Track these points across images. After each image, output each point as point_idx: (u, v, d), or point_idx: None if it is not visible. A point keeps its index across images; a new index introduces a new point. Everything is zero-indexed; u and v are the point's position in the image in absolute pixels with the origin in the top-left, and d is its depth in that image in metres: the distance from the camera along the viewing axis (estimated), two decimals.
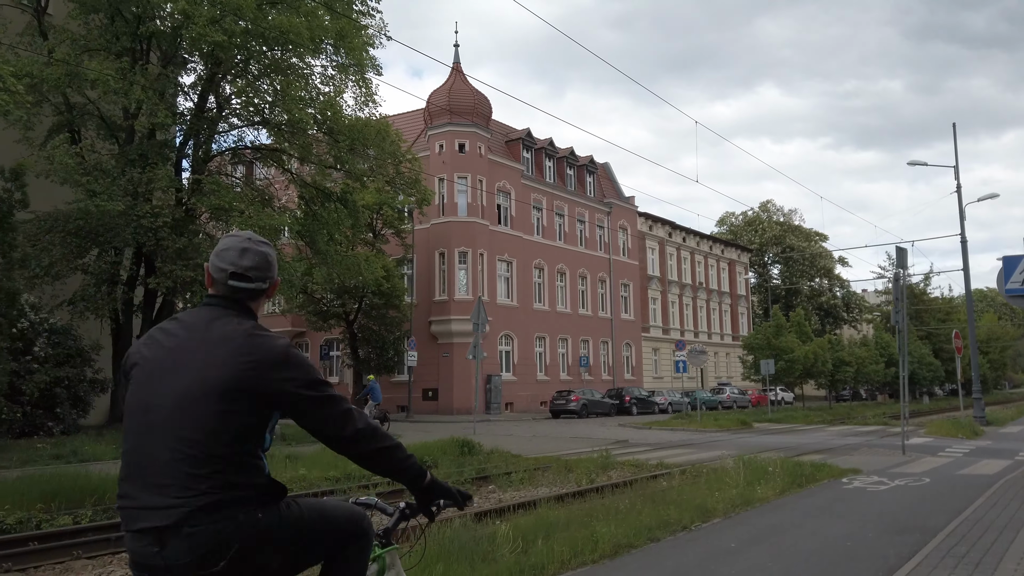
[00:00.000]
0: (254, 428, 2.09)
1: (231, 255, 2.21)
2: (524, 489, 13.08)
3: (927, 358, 60.48)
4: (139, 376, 2.13)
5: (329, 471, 13.66)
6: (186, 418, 2.01)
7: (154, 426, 2.04)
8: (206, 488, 1.96)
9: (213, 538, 1.96)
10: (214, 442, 2.00)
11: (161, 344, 2.16)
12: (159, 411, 2.05)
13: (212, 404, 2.01)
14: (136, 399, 2.11)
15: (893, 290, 17.56)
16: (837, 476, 12.07)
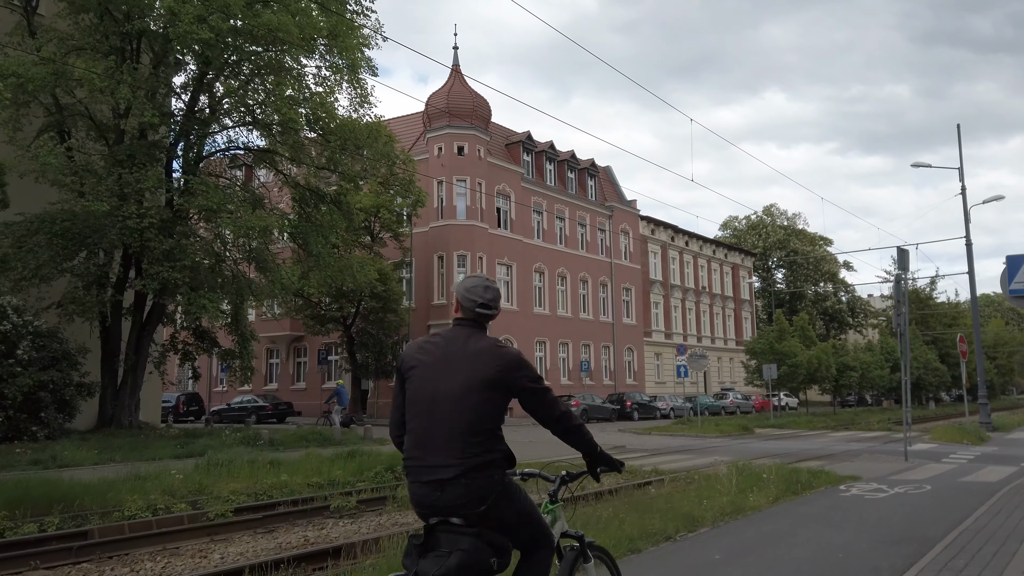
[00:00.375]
0: (501, 411, 3.07)
1: (478, 291, 3.12)
2: None
3: (933, 363, 59.80)
4: (420, 375, 3.02)
5: (312, 477, 13.31)
6: (463, 404, 2.92)
7: (439, 410, 2.94)
8: (477, 452, 2.90)
9: (479, 488, 2.87)
10: (480, 421, 2.95)
11: (432, 352, 3.06)
12: (443, 400, 2.94)
13: (480, 394, 2.96)
14: (422, 391, 3.00)
15: (894, 293, 17.13)
16: (835, 483, 11.66)
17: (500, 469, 3.01)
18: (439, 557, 2.83)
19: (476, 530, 2.89)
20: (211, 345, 23.88)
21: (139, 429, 20.19)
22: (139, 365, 20.75)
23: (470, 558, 2.81)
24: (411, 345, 3.19)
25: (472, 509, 2.88)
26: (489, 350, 3.03)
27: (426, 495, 2.93)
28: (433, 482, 2.90)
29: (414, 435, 3.01)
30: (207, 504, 10.91)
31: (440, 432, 2.92)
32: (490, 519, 2.92)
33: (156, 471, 12.31)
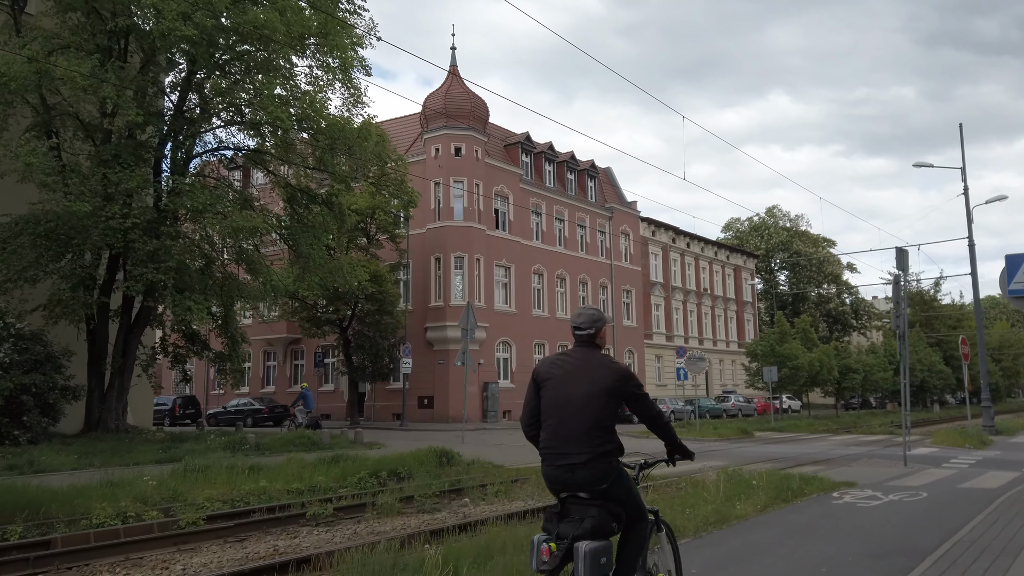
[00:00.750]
0: (616, 412, 3.83)
1: (573, 317, 4.06)
2: (498, 503, 12.36)
3: (938, 366, 59.29)
4: (553, 384, 3.87)
5: (293, 483, 12.97)
6: (588, 407, 3.75)
7: (570, 410, 3.76)
8: (599, 443, 3.74)
9: (601, 471, 3.71)
10: (601, 419, 3.76)
11: (562, 366, 3.92)
12: (573, 404, 3.76)
13: (602, 399, 3.77)
14: (556, 396, 3.83)
15: (893, 293, 16.76)
16: (828, 490, 11.28)
17: (616, 456, 3.91)
18: (573, 522, 3.73)
19: (599, 502, 3.79)
20: (202, 348, 23.58)
21: (126, 433, 19.89)
22: (126, 368, 20.45)
23: (598, 523, 3.72)
24: (544, 361, 4.13)
25: (596, 486, 3.79)
26: (607, 365, 3.95)
27: (559, 475, 3.84)
28: (566, 466, 3.80)
29: (550, 430, 3.90)
30: (180, 512, 10.58)
31: (571, 428, 3.81)
32: (608, 494, 3.82)
33: (131, 477, 11.99)
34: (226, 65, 20.63)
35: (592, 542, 3.61)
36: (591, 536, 3.63)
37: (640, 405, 4.01)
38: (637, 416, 4.05)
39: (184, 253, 17.63)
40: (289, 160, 21.16)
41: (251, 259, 21.32)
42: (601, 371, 3.86)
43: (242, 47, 20.52)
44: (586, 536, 3.62)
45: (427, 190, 37.52)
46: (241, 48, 20.57)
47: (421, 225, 37.71)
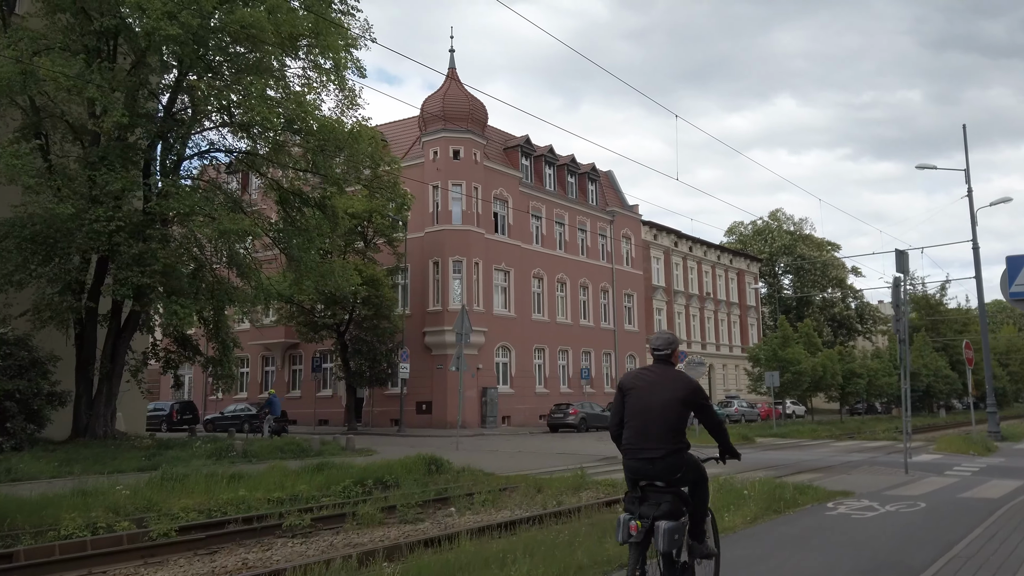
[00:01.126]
0: (687, 417, 4.74)
1: (652, 340, 5.10)
2: (484, 512, 11.99)
3: (944, 370, 58.68)
4: (637, 393, 4.74)
5: (274, 492, 12.65)
6: (667, 412, 4.62)
7: (651, 415, 4.62)
8: (675, 441, 4.60)
9: (675, 464, 4.59)
10: (677, 422, 4.64)
11: (644, 379, 4.82)
12: (654, 409, 4.63)
13: (677, 407, 4.65)
14: (639, 403, 4.70)
15: (893, 296, 16.36)
16: (823, 500, 10.90)
17: (686, 452, 4.73)
18: (652, 505, 4.55)
19: (673, 490, 4.64)
20: (193, 353, 23.29)
21: (114, 439, 19.60)
22: (114, 374, 20.16)
23: (673, 506, 4.56)
24: (628, 374, 5.03)
25: (670, 476, 4.65)
26: (682, 379, 4.82)
27: (640, 467, 4.68)
28: (646, 459, 4.64)
29: (632, 430, 4.74)
30: (152, 522, 10.26)
31: (652, 429, 4.65)
32: (679, 483, 4.71)
33: (106, 486, 11.67)
34: (217, 66, 20.36)
35: (669, 521, 4.51)
36: (668, 517, 4.53)
37: (706, 413, 4.98)
38: (701, 421, 5.05)
39: (171, 256, 17.33)
40: (280, 162, 20.88)
41: (242, 263, 21.02)
42: (677, 384, 4.80)
43: (233, 48, 20.29)
44: (664, 516, 4.52)
45: (425, 194, 37.24)
46: (232, 49, 20.34)
47: (419, 229, 37.41)
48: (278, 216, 23.29)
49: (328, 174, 21.12)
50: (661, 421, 4.63)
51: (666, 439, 4.62)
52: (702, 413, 4.91)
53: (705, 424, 5.03)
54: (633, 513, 4.57)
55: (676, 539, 4.48)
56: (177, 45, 17.15)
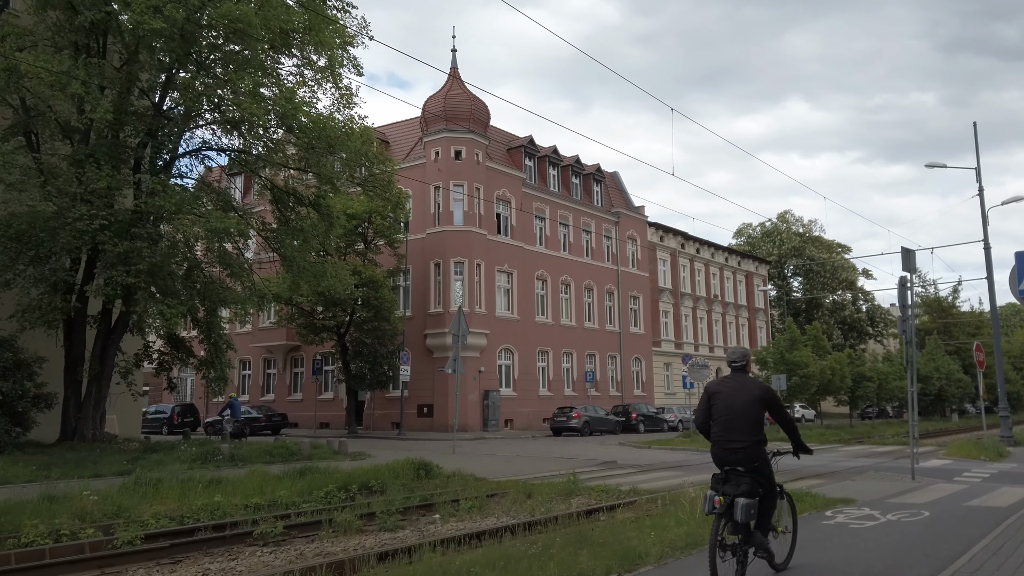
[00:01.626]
0: (763, 415, 5.99)
1: (728, 354, 6.39)
2: (468, 520, 11.53)
3: (956, 374, 57.80)
4: (721, 397, 6.01)
5: (252, 497, 12.21)
6: (748, 411, 5.88)
7: (734, 413, 5.88)
8: (755, 434, 5.85)
9: (755, 454, 5.82)
10: (755, 419, 5.90)
11: (727, 384, 6.09)
12: (737, 408, 5.89)
13: (755, 406, 5.92)
14: (724, 404, 5.95)
15: (899, 296, 15.79)
16: (821, 508, 10.37)
17: (764, 444, 5.93)
18: (732, 485, 5.69)
19: (751, 475, 5.74)
20: (187, 355, 22.93)
21: (102, 443, 19.24)
22: (104, 376, 19.82)
23: (751, 487, 5.68)
24: (713, 382, 6.22)
25: (750, 464, 5.78)
26: (757, 384, 6.15)
27: (726, 455, 5.85)
28: (730, 448, 5.83)
29: (720, 425, 5.93)
30: (119, 529, 9.84)
31: (736, 425, 5.85)
32: (756, 469, 5.79)
33: (76, 491, 11.26)
34: (208, 63, 20.00)
35: (746, 498, 5.66)
36: (745, 495, 5.68)
37: (778, 411, 6.20)
38: (775, 418, 6.21)
39: (157, 256, 16.95)
40: (272, 160, 20.52)
41: (234, 263, 20.66)
42: (754, 388, 6.07)
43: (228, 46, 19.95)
44: (743, 495, 5.67)
45: (426, 194, 36.86)
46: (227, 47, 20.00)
47: (421, 230, 37.02)
48: (274, 216, 22.93)
49: (322, 173, 20.72)
50: (743, 418, 5.90)
51: (748, 433, 5.87)
52: (775, 411, 6.19)
53: (778, 421, 6.26)
54: (717, 491, 5.79)
55: (751, 513, 5.70)
56: (164, 40, 16.79)
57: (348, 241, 33.83)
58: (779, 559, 6.33)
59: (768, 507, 6.01)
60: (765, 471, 5.90)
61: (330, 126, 19.40)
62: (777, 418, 6.20)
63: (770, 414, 6.13)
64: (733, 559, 5.72)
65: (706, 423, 6.10)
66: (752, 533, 5.76)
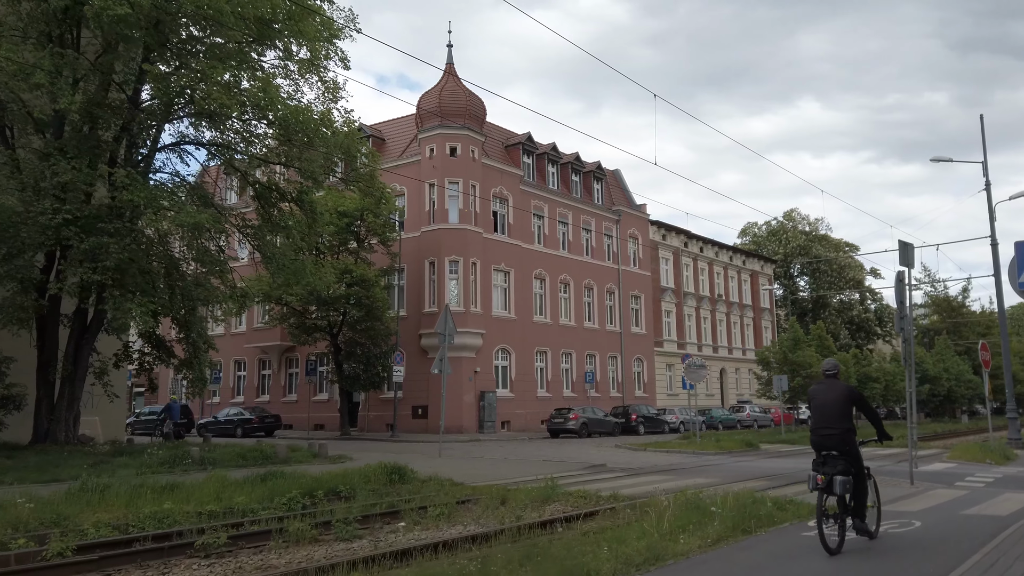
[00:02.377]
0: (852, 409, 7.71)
1: (823, 364, 8.29)
2: (434, 528, 10.87)
3: (966, 375, 56.78)
4: (818, 396, 7.78)
5: (207, 504, 11.57)
6: (838, 406, 7.61)
7: (828, 409, 7.63)
8: (844, 424, 7.58)
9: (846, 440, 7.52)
10: (845, 412, 7.63)
11: (823, 386, 7.87)
12: (830, 404, 7.62)
13: (845, 402, 7.64)
14: (820, 401, 7.71)
15: (896, 292, 15.03)
16: (804, 518, 9.64)
17: (854, 433, 7.58)
18: (830, 466, 7.31)
19: (845, 458, 7.34)
20: (168, 355, 22.35)
21: (74, 445, 18.69)
22: (77, 377, 19.26)
23: (844, 467, 7.27)
24: (812, 386, 8.02)
25: (843, 449, 7.40)
26: (846, 386, 7.90)
27: (822, 441, 7.54)
28: (825, 435, 7.51)
29: (816, 418, 7.66)
30: (55, 539, 9.22)
31: (829, 416, 7.54)
32: (848, 454, 7.39)
33: (10, 497, 10.63)
34: (183, 54, 19.41)
35: (842, 476, 7.21)
36: (841, 473, 7.24)
37: (864, 406, 7.97)
38: (861, 412, 8.07)
39: (125, 252, 16.34)
40: (251, 154, 19.93)
41: (210, 260, 20.08)
42: (842, 389, 7.78)
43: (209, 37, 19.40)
44: (839, 473, 7.24)
45: (421, 192, 36.25)
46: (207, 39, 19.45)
47: (415, 228, 36.41)
48: (257, 213, 22.35)
49: (303, 168, 20.12)
50: (834, 412, 7.56)
51: (838, 422, 7.54)
52: (861, 406, 7.96)
53: (864, 414, 8.18)
54: (818, 471, 7.39)
55: (847, 487, 7.24)
56: (130, 28, 16.19)
57: (341, 239, 33.27)
58: (872, 530, 7.95)
59: (861, 490, 7.55)
60: (855, 454, 7.53)
61: (308, 118, 18.76)
62: (863, 412, 8.13)
63: (858, 409, 7.93)
64: (835, 525, 7.37)
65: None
66: (848, 505, 7.45)
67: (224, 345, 44.19)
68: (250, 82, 19.43)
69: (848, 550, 7.50)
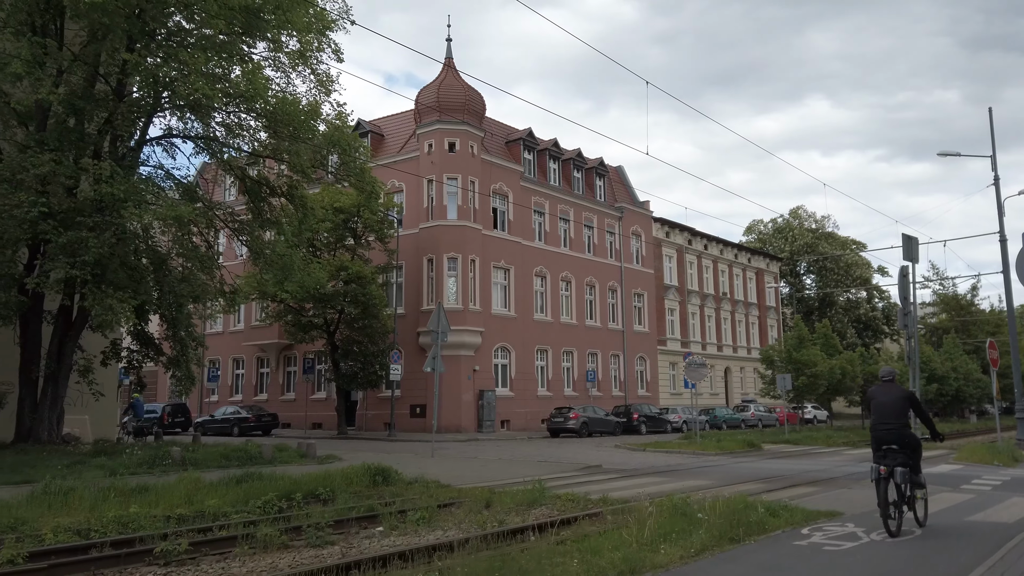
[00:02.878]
0: (907, 409, 8.84)
1: (880, 371, 9.49)
2: (412, 534, 10.37)
3: (974, 374, 55.89)
4: (878, 397, 8.95)
5: (176, 508, 11.13)
6: (895, 406, 8.73)
7: (888, 408, 8.76)
8: (903, 420, 8.76)
9: (905, 435, 8.69)
10: (902, 411, 8.76)
11: (881, 389, 9.06)
12: (889, 405, 8.76)
13: (902, 402, 8.79)
14: (879, 401, 8.89)
15: (899, 288, 14.49)
16: (798, 524, 9.12)
17: (909, 430, 8.73)
18: (890, 459, 8.33)
19: (903, 452, 8.39)
20: (157, 353, 21.93)
21: (56, 444, 18.28)
22: (60, 374, 18.85)
23: (903, 460, 8.32)
24: (872, 388, 9.30)
25: (901, 442, 8.48)
26: (902, 389, 8.98)
27: (884, 436, 8.59)
28: (885, 430, 8.63)
29: (876, 416, 8.79)
30: (8, 546, 8.77)
31: (888, 414, 8.66)
32: (907, 448, 8.45)
33: None
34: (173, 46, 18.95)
35: (901, 467, 8.27)
36: (900, 465, 8.29)
37: (917, 408, 9.05)
38: (915, 412, 9.04)
39: (104, 246, 15.89)
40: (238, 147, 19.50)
41: (195, 256, 19.66)
42: (899, 391, 8.90)
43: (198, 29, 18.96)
44: (899, 465, 8.29)
45: (420, 188, 35.78)
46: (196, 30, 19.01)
47: (414, 225, 35.95)
48: (248, 208, 21.92)
49: (289, 159, 19.66)
50: (892, 411, 8.64)
51: (895, 419, 8.61)
52: (915, 409, 8.95)
53: (918, 416, 9.22)
54: (879, 463, 8.32)
55: (906, 478, 8.28)
56: (110, 17, 15.75)
57: (337, 236, 32.85)
58: (921, 518, 8.94)
59: (916, 481, 8.66)
60: (914, 446, 8.69)
61: (296, 110, 18.29)
62: (916, 413, 9.17)
63: (912, 410, 8.93)
64: (896, 511, 8.29)
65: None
66: (904, 495, 8.41)
67: (222, 343, 43.96)
68: (235, 73, 18.97)
69: (835, 563, 6.98)
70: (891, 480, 8.19)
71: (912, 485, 8.50)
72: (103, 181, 15.80)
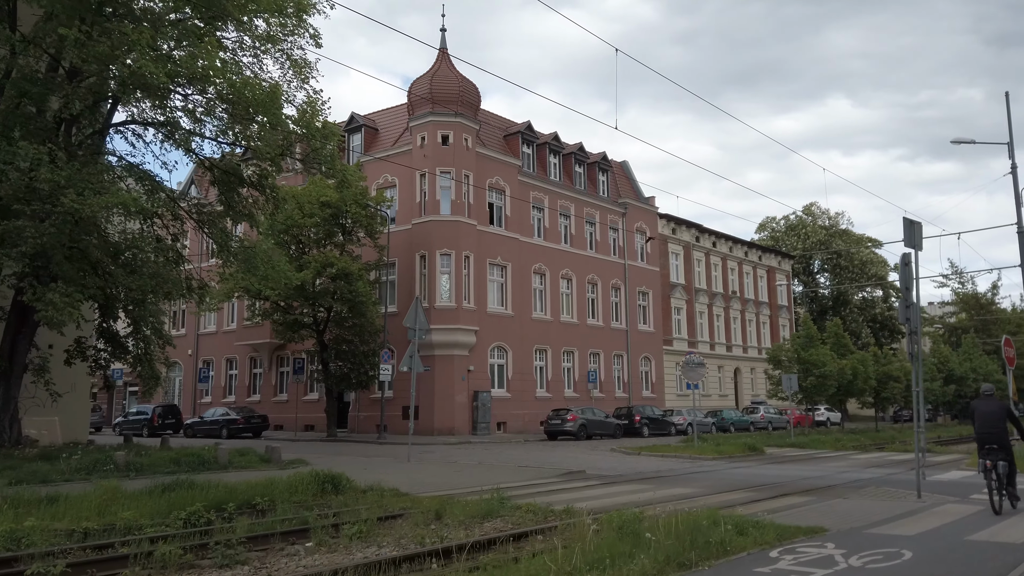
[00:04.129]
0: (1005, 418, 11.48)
1: (981, 387, 12.17)
2: (342, 551, 9.24)
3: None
4: (981, 409, 11.44)
5: (83, 521, 10.04)
6: (995, 415, 11.34)
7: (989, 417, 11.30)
8: (1001, 426, 11.24)
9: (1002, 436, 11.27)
10: (1002, 420, 11.35)
11: (983, 402, 11.55)
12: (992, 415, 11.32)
13: (1001, 414, 11.40)
14: (982, 411, 11.41)
15: (901, 276, 13.14)
16: (769, 544, 7.85)
17: (1007, 433, 11.37)
18: (994, 455, 10.90)
19: (1003, 450, 11.00)
20: (122, 351, 20.94)
21: (7, 447, 17.28)
22: (13, 373, 17.87)
23: (1004, 456, 10.96)
24: (976, 401, 11.72)
25: (1001, 442, 11.07)
26: (1002, 403, 11.63)
27: (988, 437, 11.09)
28: (989, 433, 11.12)
29: (980, 423, 11.26)
30: None
31: (991, 422, 11.17)
32: (1005, 447, 11.07)
33: None
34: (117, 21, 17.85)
35: (1003, 462, 10.82)
36: (1002, 460, 10.82)
37: (1013, 418, 11.59)
38: (1010, 421, 11.57)
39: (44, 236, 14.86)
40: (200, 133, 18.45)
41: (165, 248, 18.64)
42: (1000, 404, 11.41)
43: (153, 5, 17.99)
44: (1001, 460, 10.81)
45: (413, 183, 34.67)
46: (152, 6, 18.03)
47: (406, 220, 34.83)
48: (218, 200, 20.88)
49: (257, 149, 18.59)
50: (994, 419, 11.09)
51: (997, 426, 11.01)
52: (1011, 419, 11.50)
53: (1014, 425, 11.79)
54: (985, 459, 10.84)
55: (1008, 471, 10.81)
56: None
57: (326, 232, 31.79)
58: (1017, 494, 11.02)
59: (1013, 471, 10.89)
60: (1009, 447, 11.00)
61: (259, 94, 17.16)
62: (1012, 422, 11.56)
63: (1009, 420, 11.33)
64: (999, 498, 10.60)
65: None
66: (1003, 481, 10.70)
67: (215, 343, 43.08)
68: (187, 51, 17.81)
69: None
70: (995, 471, 10.65)
71: (1010, 474, 10.83)
72: (42, 166, 14.76)
